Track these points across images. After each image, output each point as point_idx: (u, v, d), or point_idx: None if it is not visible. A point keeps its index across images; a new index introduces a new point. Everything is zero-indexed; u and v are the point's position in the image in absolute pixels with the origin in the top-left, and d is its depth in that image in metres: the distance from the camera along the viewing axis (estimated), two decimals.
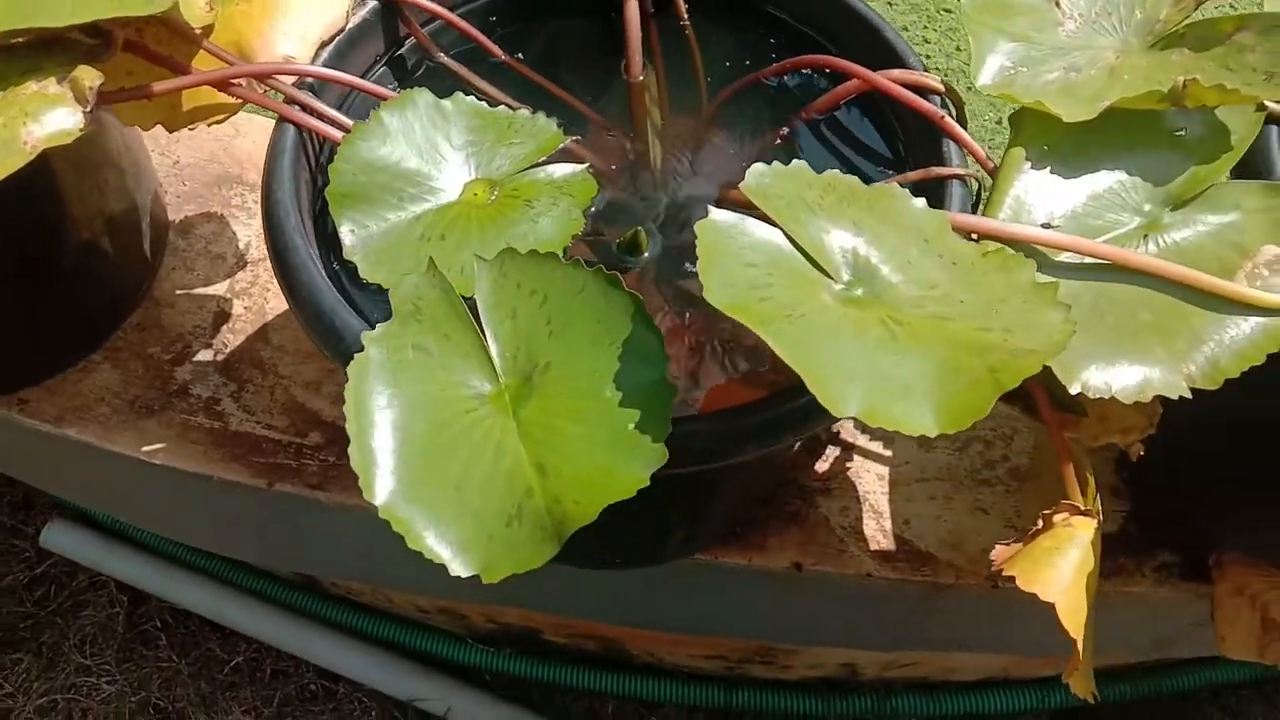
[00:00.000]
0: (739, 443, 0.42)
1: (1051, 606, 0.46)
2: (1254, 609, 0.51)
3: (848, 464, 0.69)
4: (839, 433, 0.70)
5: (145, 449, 0.66)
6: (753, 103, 0.57)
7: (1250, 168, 0.52)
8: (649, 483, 0.38)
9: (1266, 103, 0.53)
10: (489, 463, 0.40)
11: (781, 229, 0.40)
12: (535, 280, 0.43)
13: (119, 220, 0.67)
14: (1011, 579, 0.45)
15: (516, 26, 0.59)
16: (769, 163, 0.41)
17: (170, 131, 0.51)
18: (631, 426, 0.39)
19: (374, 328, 0.42)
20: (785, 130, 0.55)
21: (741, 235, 0.39)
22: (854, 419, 0.53)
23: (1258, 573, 0.52)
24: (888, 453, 0.70)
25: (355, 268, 0.46)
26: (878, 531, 0.67)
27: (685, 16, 0.59)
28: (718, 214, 0.39)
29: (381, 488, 0.39)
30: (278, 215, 0.46)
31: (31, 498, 1.20)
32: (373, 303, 0.49)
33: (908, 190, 0.43)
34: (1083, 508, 0.50)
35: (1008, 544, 0.49)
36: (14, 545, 1.22)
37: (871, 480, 0.69)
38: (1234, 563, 0.54)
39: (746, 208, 0.41)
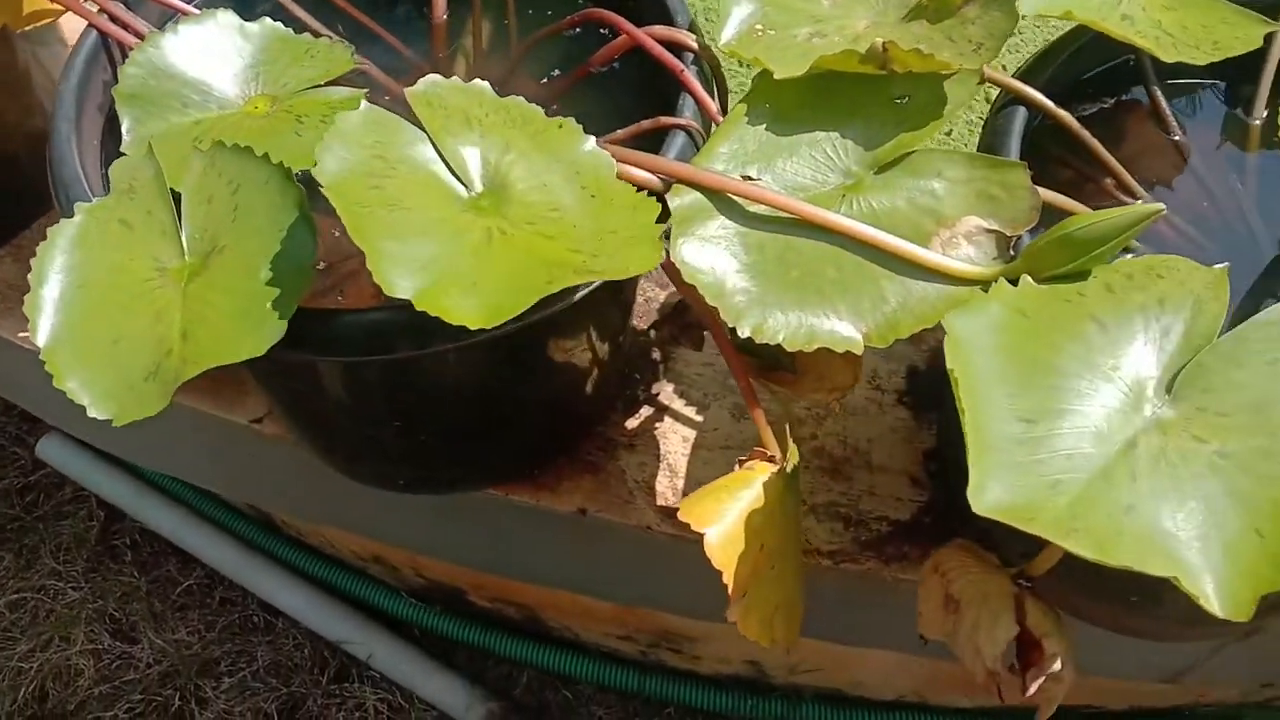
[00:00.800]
0: (391, 337, 0.45)
1: (700, 538, 0.47)
2: (941, 585, 0.51)
3: (657, 424, 0.71)
4: (658, 394, 0.72)
5: None
6: (558, 50, 0.60)
7: (991, 146, 0.53)
8: (262, 353, 0.41)
9: (1015, 83, 0.54)
10: (146, 325, 0.44)
11: (428, 134, 0.43)
12: (234, 171, 0.47)
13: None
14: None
15: None
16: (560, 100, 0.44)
17: (15, 30, 0.57)
18: (267, 304, 0.43)
19: None
20: (579, 75, 0.58)
21: (386, 129, 0.42)
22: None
23: (960, 550, 0.52)
24: (699, 419, 0.71)
25: None
26: (668, 489, 0.68)
27: None
28: (370, 109, 0.43)
29: (43, 332, 0.44)
30: (59, 106, 0.52)
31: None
32: None
33: (580, 129, 0.46)
34: (769, 454, 0.51)
35: None
36: (14, 453, 1.32)
37: (676, 441, 0.70)
38: (952, 545, 0.54)
39: None
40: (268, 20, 0.57)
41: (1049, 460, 0.39)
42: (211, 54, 0.55)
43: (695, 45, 0.54)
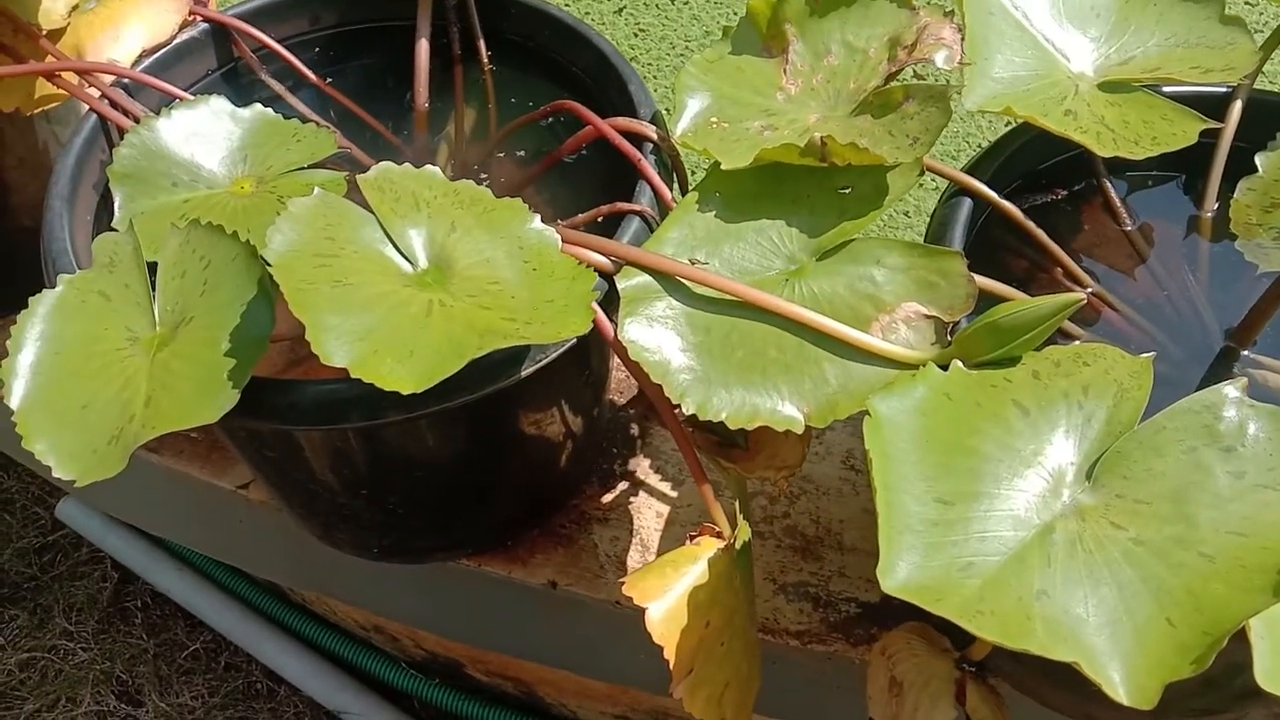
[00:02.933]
0: (342, 410, 0.48)
1: (642, 612, 0.48)
2: (887, 667, 0.51)
3: (631, 498, 0.72)
4: (634, 469, 0.74)
5: None
6: (536, 137, 0.63)
7: (937, 235, 0.54)
8: (216, 419, 0.44)
9: (960, 175, 0.56)
10: (114, 392, 0.47)
11: (377, 217, 0.45)
12: (206, 247, 0.50)
13: None
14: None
15: (346, 59, 0.68)
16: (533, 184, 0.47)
17: (26, 114, 0.61)
18: (224, 374, 0.45)
19: None
20: (551, 162, 0.61)
21: (336, 212, 0.45)
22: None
23: (909, 633, 0.52)
24: (674, 494, 0.72)
25: None
26: (640, 564, 0.69)
27: (488, 63, 0.66)
28: (329, 199, 0.46)
29: (17, 396, 0.46)
30: (54, 183, 0.56)
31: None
32: None
33: (527, 209, 0.48)
34: (716, 529, 0.52)
35: None
36: (35, 513, 1.36)
37: (650, 516, 0.71)
38: (903, 628, 0.54)
39: None
40: (258, 106, 0.60)
41: (963, 542, 0.40)
42: (202, 137, 0.59)
43: (655, 136, 0.57)
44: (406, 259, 0.46)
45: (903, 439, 0.42)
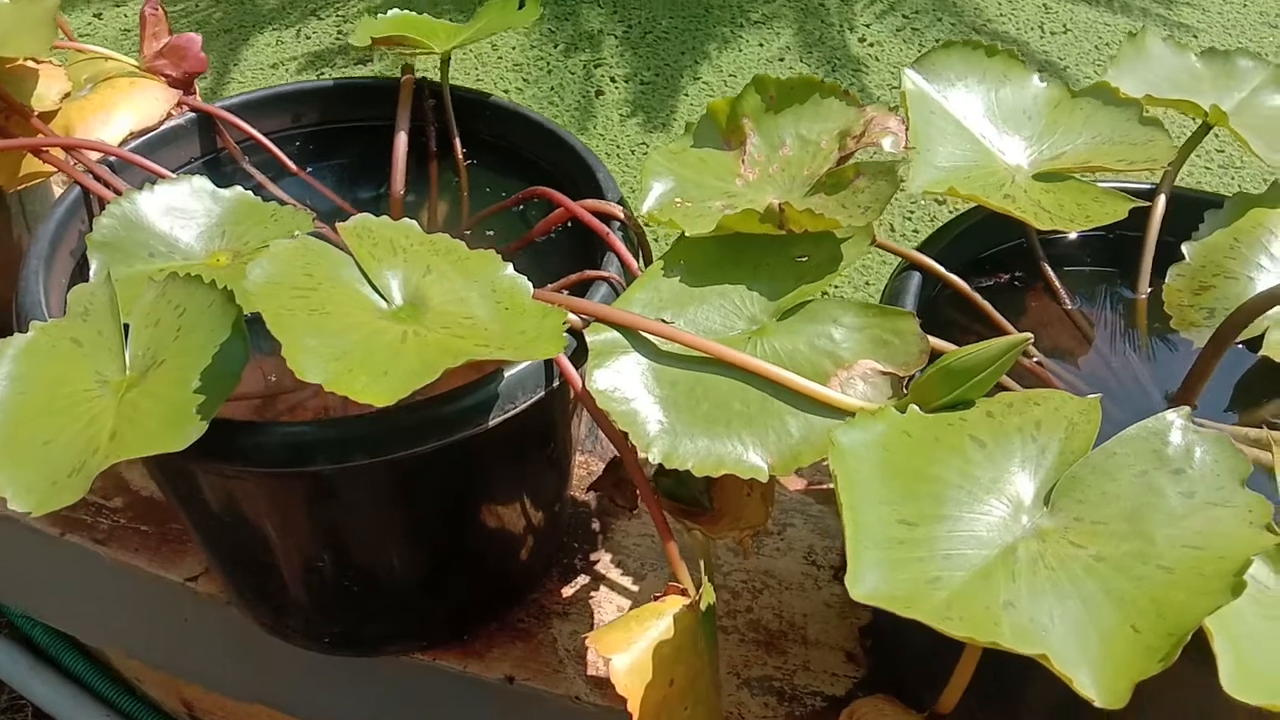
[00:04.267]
0: (308, 451, 0.48)
1: (607, 662, 0.47)
2: None
3: (593, 592, 0.71)
4: (595, 563, 0.73)
5: None
6: (506, 222, 0.66)
7: (890, 303, 0.57)
8: (183, 447, 0.43)
9: (909, 251, 0.59)
10: (79, 429, 0.47)
11: (355, 259, 0.47)
12: (182, 297, 0.51)
13: None
14: None
15: (326, 156, 0.71)
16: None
17: (7, 190, 0.63)
18: (192, 407, 0.45)
19: None
20: (523, 243, 0.64)
21: (314, 254, 0.47)
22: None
23: (877, 700, 0.51)
24: (635, 589, 0.71)
25: None
26: (600, 659, 0.67)
27: (462, 158, 0.70)
28: (308, 240, 0.47)
29: None
30: (33, 244, 0.57)
31: None
32: None
33: (500, 258, 0.51)
34: (681, 588, 0.51)
35: None
36: None
37: (611, 611, 0.70)
38: (871, 698, 0.53)
39: None
40: (238, 188, 0.63)
41: (928, 559, 0.40)
42: (182, 212, 0.61)
43: (622, 215, 0.60)
44: (382, 297, 0.47)
45: (865, 468, 0.43)
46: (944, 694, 0.47)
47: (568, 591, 0.71)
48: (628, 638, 0.48)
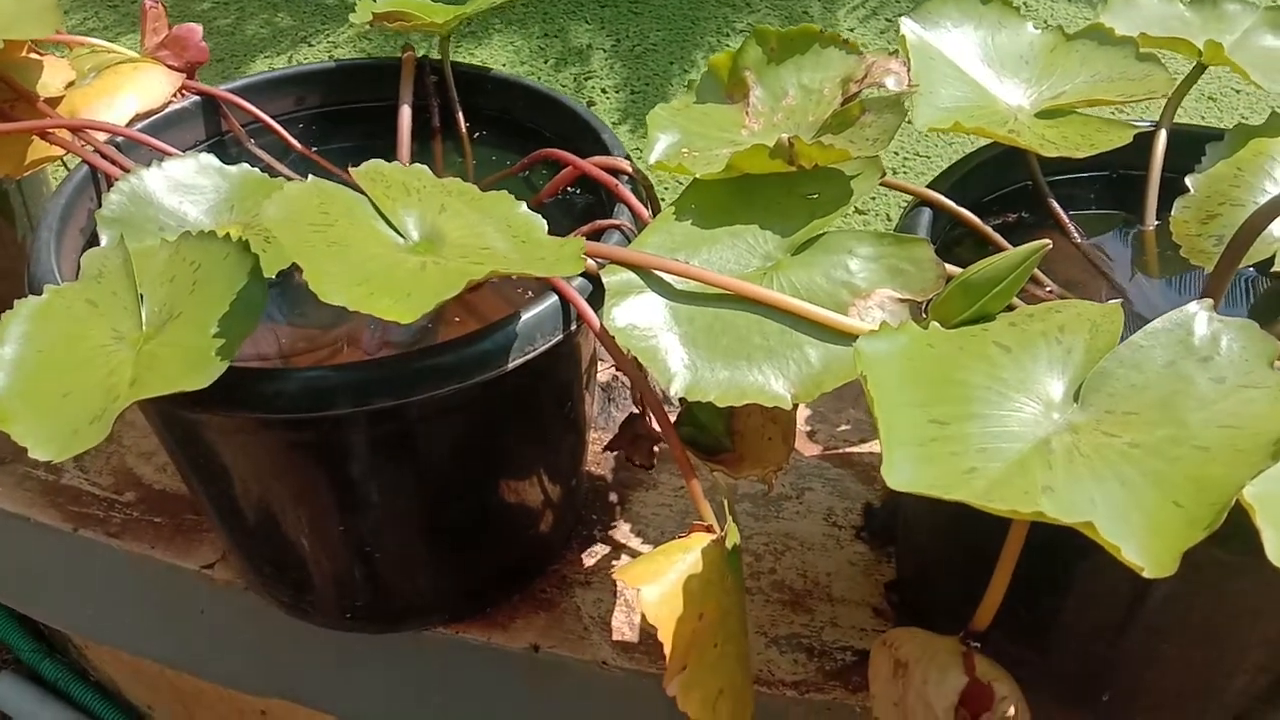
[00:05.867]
0: (329, 396, 0.47)
1: (637, 592, 0.46)
2: (889, 654, 0.49)
3: (614, 561, 0.70)
4: (615, 534, 0.72)
5: None
6: (513, 189, 0.66)
7: None
8: (204, 386, 0.43)
9: (919, 188, 0.59)
10: (99, 380, 0.46)
11: (369, 198, 0.47)
12: (197, 253, 0.51)
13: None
14: None
15: (330, 138, 0.72)
16: None
17: (17, 177, 0.63)
18: (213, 350, 0.45)
19: None
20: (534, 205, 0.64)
21: (329, 194, 0.47)
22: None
23: (908, 628, 0.51)
24: None
25: None
26: (625, 624, 0.66)
27: (465, 132, 0.70)
28: (320, 181, 0.47)
29: None
30: (44, 217, 0.57)
31: None
32: None
33: (513, 198, 0.51)
34: (706, 525, 0.51)
35: None
36: None
37: None
38: (900, 628, 0.52)
39: None
40: (244, 164, 0.63)
41: (962, 454, 0.40)
42: (190, 188, 0.61)
43: (629, 169, 0.60)
44: (399, 234, 0.47)
45: (892, 375, 0.43)
46: (978, 611, 0.47)
47: (588, 561, 0.71)
48: (656, 570, 0.48)
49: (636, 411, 0.63)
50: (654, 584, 0.47)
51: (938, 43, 0.63)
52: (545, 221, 0.50)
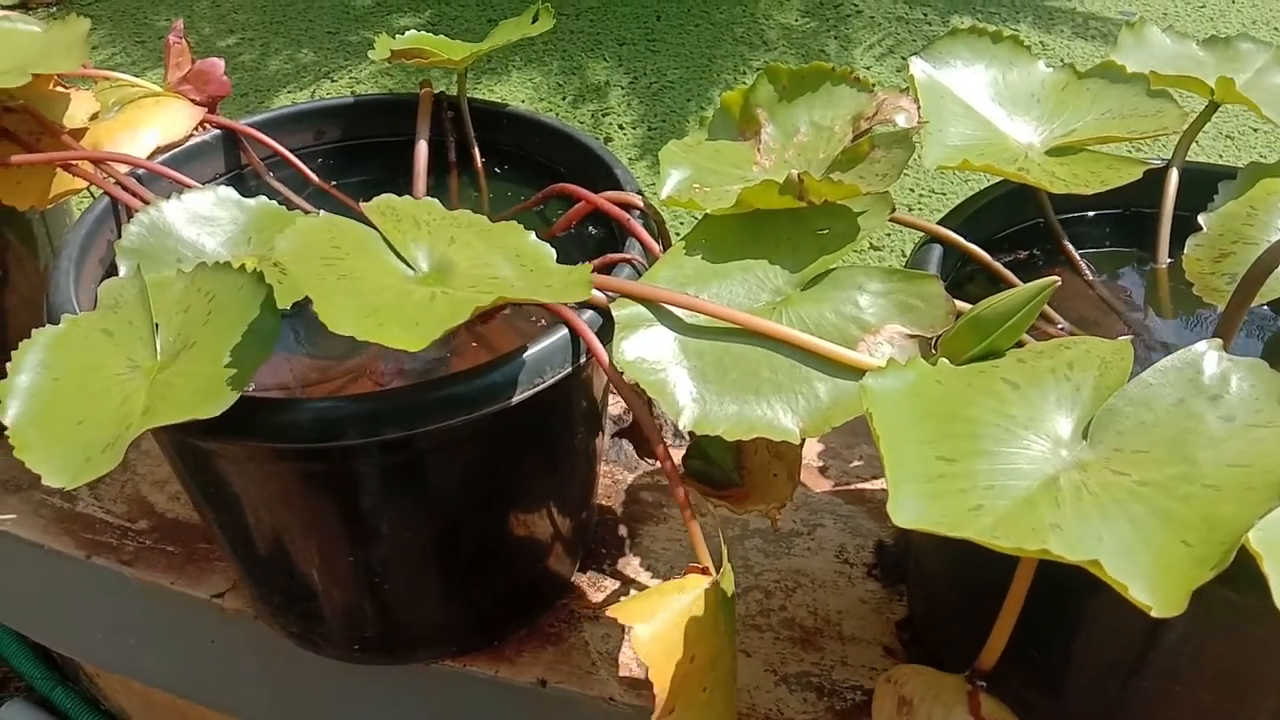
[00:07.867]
0: (339, 427, 0.48)
1: (628, 629, 0.46)
2: (894, 691, 0.49)
3: (622, 597, 0.70)
4: (624, 568, 0.72)
5: None
6: (526, 224, 0.67)
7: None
8: (216, 415, 0.44)
9: (930, 224, 0.59)
10: (113, 409, 0.47)
11: (379, 232, 0.48)
12: (212, 284, 0.51)
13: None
14: None
15: (348, 171, 0.73)
16: None
17: (41, 208, 0.64)
18: (224, 380, 0.45)
19: None
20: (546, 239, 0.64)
21: (340, 228, 0.47)
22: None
23: (913, 666, 0.50)
24: None
25: None
26: (633, 660, 0.66)
27: (481, 167, 0.71)
28: (332, 216, 0.48)
29: (12, 412, 0.46)
30: (65, 246, 0.58)
31: (7, 679, 1.27)
32: None
33: (522, 228, 0.51)
34: (702, 567, 0.51)
35: None
36: None
37: None
38: (906, 665, 0.52)
39: None
40: (263, 197, 0.64)
41: (970, 490, 0.40)
42: (208, 220, 0.62)
43: (641, 204, 0.60)
44: (409, 266, 0.48)
45: (899, 412, 0.43)
46: (984, 650, 0.46)
47: (597, 596, 0.70)
48: (651, 609, 0.48)
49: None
50: (647, 623, 0.47)
51: (948, 81, 0.64)
52: (554, 250, 0.50)
